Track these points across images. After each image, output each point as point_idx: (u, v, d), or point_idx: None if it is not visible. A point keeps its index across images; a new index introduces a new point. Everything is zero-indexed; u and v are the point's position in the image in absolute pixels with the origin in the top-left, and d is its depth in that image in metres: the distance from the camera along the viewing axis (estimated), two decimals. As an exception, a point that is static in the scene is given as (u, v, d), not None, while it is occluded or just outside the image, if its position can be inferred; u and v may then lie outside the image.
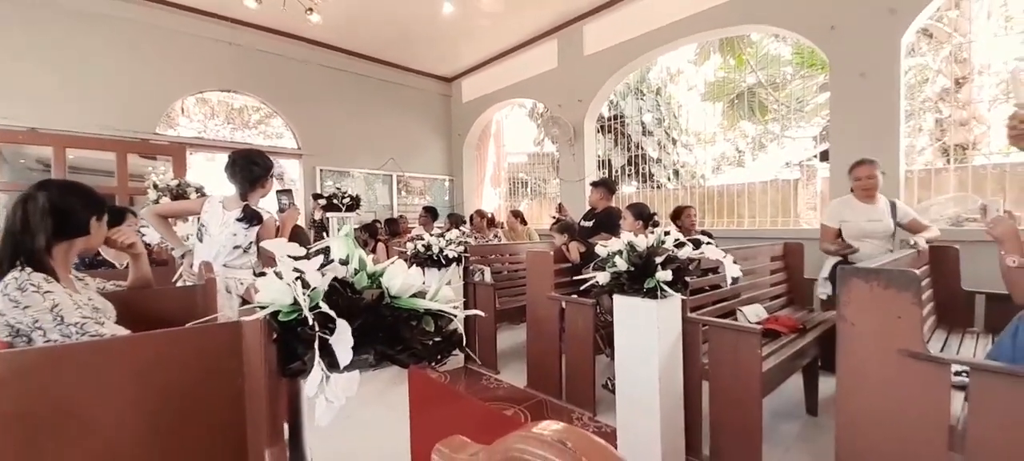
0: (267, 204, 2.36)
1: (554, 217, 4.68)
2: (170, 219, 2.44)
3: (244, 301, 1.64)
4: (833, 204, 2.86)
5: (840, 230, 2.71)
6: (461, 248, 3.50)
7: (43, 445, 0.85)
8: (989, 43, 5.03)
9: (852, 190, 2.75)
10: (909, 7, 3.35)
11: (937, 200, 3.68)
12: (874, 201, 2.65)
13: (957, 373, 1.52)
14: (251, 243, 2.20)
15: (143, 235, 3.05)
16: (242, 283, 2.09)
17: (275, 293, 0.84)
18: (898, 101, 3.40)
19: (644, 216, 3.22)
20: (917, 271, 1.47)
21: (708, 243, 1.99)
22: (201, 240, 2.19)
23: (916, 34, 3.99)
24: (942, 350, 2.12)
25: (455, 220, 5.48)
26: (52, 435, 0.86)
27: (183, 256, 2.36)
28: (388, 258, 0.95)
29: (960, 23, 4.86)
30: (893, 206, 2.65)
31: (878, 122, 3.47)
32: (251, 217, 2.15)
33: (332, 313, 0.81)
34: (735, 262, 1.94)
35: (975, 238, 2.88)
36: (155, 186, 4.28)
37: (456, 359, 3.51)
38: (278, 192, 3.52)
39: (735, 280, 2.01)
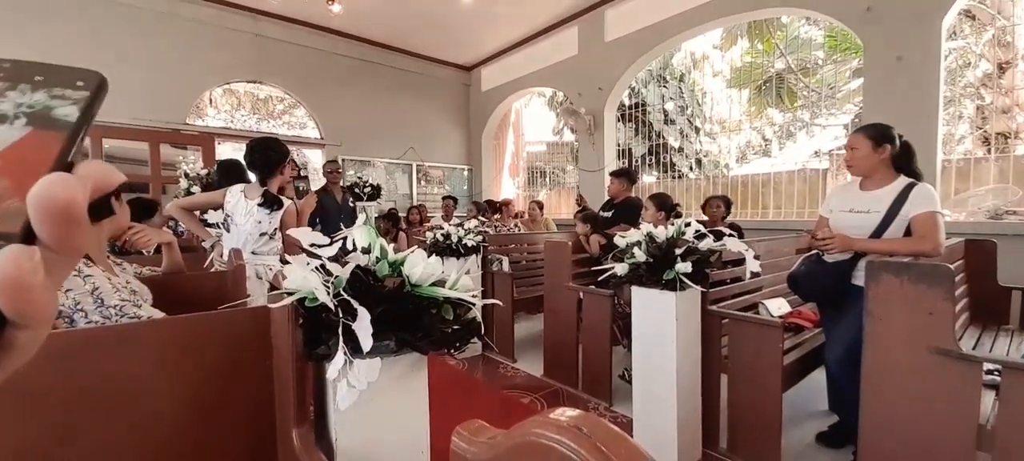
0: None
1: (579, 207, 4.67)
2: (196, 211, 2.52)
3: (273, 287, 1.70)
4: (833, 189, 2.52)
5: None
6: (480, 238, 3.52)
7: (88, 418, 0.91)
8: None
9: None
10: (951, -13, 3.18)
11: (976, 191, 3.52)
12: (874, 185, 1.90)
13: (988, 372, 1.47)
14: (275, 229, 2.27)
15: (173, 226, 3.15)
16: (271, 269, 2.16)
17: (301, 280, 0.87)
18: (937, 87, 3.24)
19: (666, 207, 3.18)
20: (951, 266, 1.42)
21: (730, 235, 1.96)
22: (228, 230, 2.27)
23: (958, 16, 3.79)
24: (975, 348, 2.05)
25: (479, 208, 5.55)
26: (96, 409, 0.92)
27: (212, 246, 2.45)
28: (408, 247, 0.97)
29: (1004, 5, 4.58)
30: (908, 190, 1.80)
31: (915, 108, 3.32)
32: (271, 201, 2.22)
33: (354, 302, 0.84)
34: (756, 257, 1.90)
35: (1015, 231, 2.75)
36: (186, 175, 4.42)
37: (474, 347, 3.55)
38: (294, 178, 3.57)
39: (755, 275, 1.97)
